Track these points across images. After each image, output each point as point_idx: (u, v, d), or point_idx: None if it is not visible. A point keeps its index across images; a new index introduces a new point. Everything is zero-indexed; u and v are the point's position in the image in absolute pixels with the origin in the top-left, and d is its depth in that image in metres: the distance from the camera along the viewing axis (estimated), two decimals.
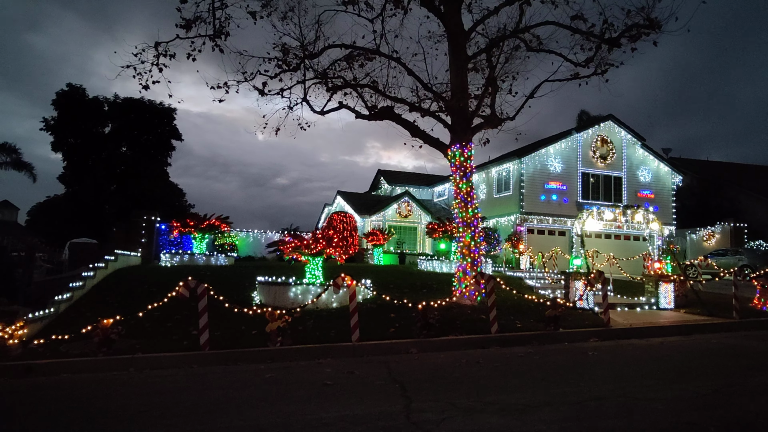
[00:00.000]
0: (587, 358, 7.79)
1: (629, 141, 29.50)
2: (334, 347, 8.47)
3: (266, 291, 11.64)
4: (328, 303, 11.31)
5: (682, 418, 4.62)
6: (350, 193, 34.84)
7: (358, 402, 5.36)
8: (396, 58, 12.42)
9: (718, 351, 8.35)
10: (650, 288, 13.44)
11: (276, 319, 8.39)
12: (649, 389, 5.66)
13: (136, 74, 11.19)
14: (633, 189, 29.19)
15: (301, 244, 11.71)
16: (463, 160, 11.75)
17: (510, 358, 7.80)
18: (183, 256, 18.85)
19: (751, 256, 26.28)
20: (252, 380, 6.59)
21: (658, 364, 7.26)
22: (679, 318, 11.81)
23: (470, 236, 11.70)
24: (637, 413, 4.78)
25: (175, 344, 8.38)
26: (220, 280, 14.32)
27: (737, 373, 6.57)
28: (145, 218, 21.13)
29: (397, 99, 12.57)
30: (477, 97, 12.48)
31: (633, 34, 11.05)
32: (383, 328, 9.54)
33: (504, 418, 4.67)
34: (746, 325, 11.12)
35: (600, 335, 9.81)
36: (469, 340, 9.08)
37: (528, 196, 26.99)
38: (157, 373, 7.17)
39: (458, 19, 11.90)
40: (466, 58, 12.06)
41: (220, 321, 9.44)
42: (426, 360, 7.83)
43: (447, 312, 10.60)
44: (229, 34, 11.75)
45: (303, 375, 6.85)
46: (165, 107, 31.75)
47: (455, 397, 5.46)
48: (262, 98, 12.89)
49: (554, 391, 5.63)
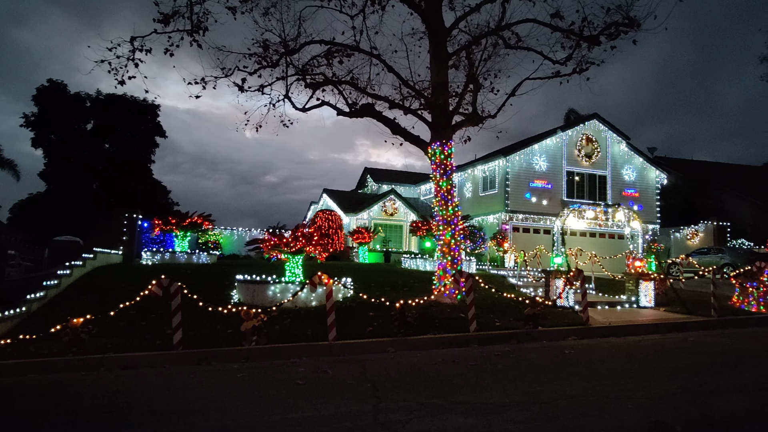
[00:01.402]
0: (563, 357, 7.76)
1: (614, 140, 29.66)
2: (311, 346, 8.38)
3: (245, 290, 11.52)
4: (307, 302, 11.22)
5: (650, 417, 4.59)
6: (336, 191, 34.71)
7: (327, 402, 5.28)
8: (376, 54, 12.35)
9: (694, 349, 8.37)
10: (631, 286, 13.49)
11: (251, 318, 8.29)
12: (622, 388, 5.64)
13: (112, 69, 11.01)
14: (618, 188, 29.35)
15: (280, 242, 11.60)
16: (444, 158, 11.69)
17: (486, 357, 7.76)
18: (164, 254, 18.65)
19: (733, 254, 26.53)
20: (223, 380, 6.48)
21: (632, 363, 7.26)
22: (658, 316, 11.85)
23: (450, 234, 11.65)
24: (606, 412, 4.74)
25: (148, 344, 8.25)
26: (200, 278, 14.20)
27: (710, 371, 6.57)
28: (126, 216, 20.86)
29: (377, 96, 12.49)
30: (458, 95, 12.43)
31: (612, 32, 11.07)
32: (361, 326, 9.47)
33: (472, 418, 4.61)
34: (724, 323, 11.18)
35: (579, 333, 9.81)
36: (448, 339, 9.03)
37: (513, 195, 27.03)
38: (128, 373, 7.03)
39: (439, 16, 11.84)
40: (446, 56, 12.00)
41: (196, 320, 9.33)
42: (402, 359, 7.76)
43: (426, 310, 10.56)
44: (207, 29, 11.60)
45: (275, 375, 6.76)
46: (149, 104, 31.37)
47: (426, 396, 5.40)
48: (243, 95, 12.77)
49: (527, 390, 5.59)
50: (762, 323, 11.46)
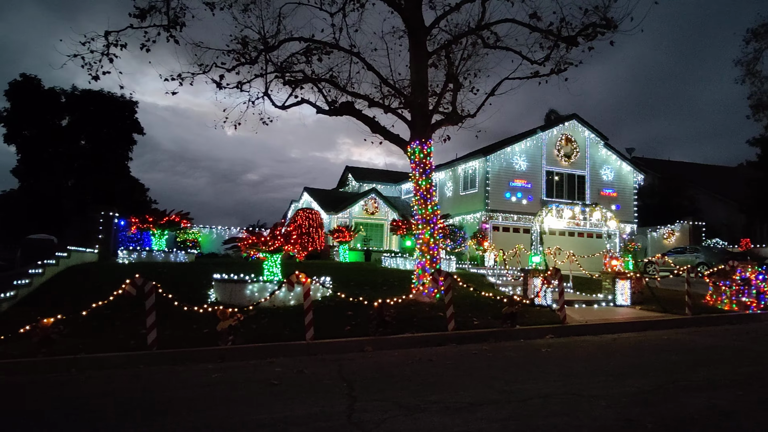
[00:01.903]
0: (540, 355, 7.81)
1: (593, 140, 29.99)
2: (288, 346, 8.32)
3: (222, 289, 11.40)
4: (285, 301, 11.13)
5: (622, 414, 4.63)
6: (317, 190, 34.56)
7: (301, 402, 5.23)
8: (356, 53, 12.29)
9: (668, 347, 8.48)
10: (607, 285, 13.65)
11: (227, 317, 8.19)
12: (596, 386, 5.69)
13: (85, 64, 10.79)
14: (596, 187, 29.69)
15: (258, 241, 11.49)
16: (423, 157, 11.69)
17: (464, 356, 7.78)
18: (141, 252, 18.38)
19: (707, 254, 27.03)
20: (197, 380, 6.39)
21: (608, 361, 7.33)
22: (634, 314, 12.01)
23: (429, 233, 11.66)
24: (579, 410, 4.77)
25: (122, 344, 8.10)
26: (177, 277, 14.01)
27: (682, 369, 6.66)
28: (102, 214, 20.53)
29: (356, 94, 12.44)
30: (437, 94, 12.44)
31: (589, 33, 11.17)
32: (340, 326, 9.43)
33: (446, 417, 4.60)
34: (698, 321, 11.37)
35: (556, 332, 9.88)
36: (426, 338, 9.04)
37: (493, 194, 27.18)
38: (100, 374, 6.89)
39: (419, 14, 11.83)
40: (426, 54, 12.00)
41: (172, 320, 9.20)
42: (379, 358, 7.74)
43: (405, 309, 10.55)
44: (185, 25, 11.43)
45: (251, 374, 6.68)
46: (126, 100, 30.82)
47: (402, 396, 5.38)
48: (222, 92, 12.63)
49: (502, 389, 5.60)
50: (734, 321, 11.68)
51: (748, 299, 12.51)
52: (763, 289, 12.68)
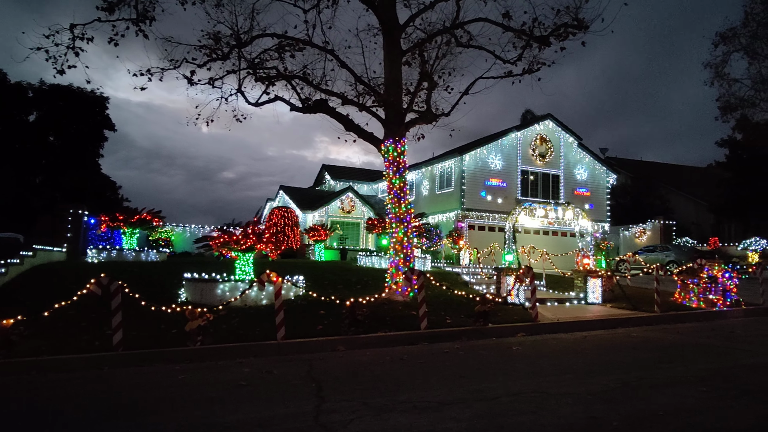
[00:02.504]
0: (511, 354, 7.85)
1: (567, 140, 30.32)
2: (258, 346, 8.22)
3: (193, 288, 11.21)
4: (257, 300, 11.00)
5: (588, 412, 4.65)
6: (293, 188, 34.30)
7: (268, 403, 5.16)
8: (330, 50, 12.20)
9: (636, 344, 8.60)
10: (579, 283, 13.80)
11: (196, 317, 8.05)
12: (564, 384, 5.72)
13: (50, 57, 10.49)
14: (570, 187, 30.03)
15: (229, 240, 11.33)
16: (397, 155, 11.66)
17: (435, 355, 7.77)
18: (111, 251, 17.99)
19: (677, 252, 27.60)
20: (163, 382, 6.26)
21: (577, 359, 7.39)
22: (604, 312, 12.16)
23: (403, 232, 11.63)
24: (546, 409, 4.78)
25: (86, 345, 7.90)
26: (147, 276, 13.75)
27: (649, 366, 6.74)
28: (71, 212, 20.04)
29: (329, 92, 12.35)
30: (412, 93, 12.42)
31: (561, 33, 11.27)
32: (312, 325, 9.35)
33: (414, 417, 4.57)
34: (666, 318, 11.56)
35: (528, 330, 9.95)
36: (398, 337, 9.01)
37: (469, 193, 27.30)
38: (63, 376, 6.71)
39: (393, 12, 11.78)
40: (400, 52, 11.97)
41: (140, 320, 8.99)
42: (351, 358, 7.69)
43: (378, 308, 10.52)
44: (154, 19, 11.19)
45: (218, 375, 6.57)
46: (96, 95, 30.10)
47: (370, 395, 5.34)
48: (194, 88, 12.42)
49: (471, 388, 5.59)
50: (701, 318, 11.90)
51: (715, 297, 12.77)
52: (729, 286, 12.95)
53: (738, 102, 26.76)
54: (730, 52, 26.24)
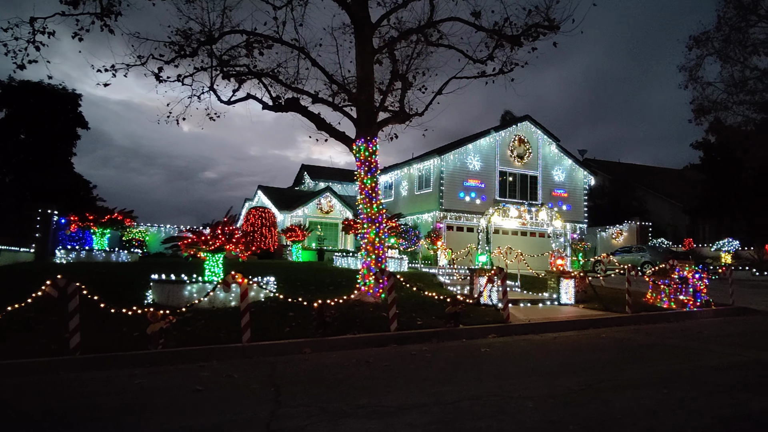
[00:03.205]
0: (478, 355, 7.77)
1: (545, 141, 30.50)
2: (223, 349, 8.02)
3: (160, 290, 10.95)
4: (226, 302, 10.79)
5: (547, 416, 4.58)
6: (271, 188, 34.02)
7: (222, 408, 5.00)
8: (300, 47, 12.03)
9: (605, 345, 8.59)
10: (552, 284, 13.81)
11: (158, 320, 7.83)
12: (527, 387, 5.65)
13: (9, 52, 10.16)
14: (548, 188, 30.20)
15: (198, 240, 11.10)
16: (368, 155, 11.54)
17: (402, 357, 7.66)
18: (80, 252, 17.60)
19: (652, 253, 27.91)
20: (116, 387, 6.05)
21: (544, 361, 7.35)
22: (576, 313, 12.17)
23: (375, 232, 11.51)
24: (506, 413, 4.70)
25: (42, 349, 7.62)
26: (115, 277, 13.46)
27: (614, 367, 6.72)
28: (40, 212, 19.57)
29: (300, 90, 12.19)
30: (383, 92, 12.32)
31: (532, 33, 11.25)
32: (280, 327, 9.18)
33: (370, 423, 4.46)
34: (637, 319, 11.61)
35: (499, 331, 9.89)
36: (367, 339, 8.88)
37: (447, 194, 27.30)
38: (12, 381, 6.46)
39: (365, 10, 11.65)
40: (372, 51, 11.85)
41: (101, 322, 8.72)
42: (316, 360, 7.55)
43: (348, 310, 10.38)
44: (120, 14, 10.92)
45: (176, 380, 6.38)
46: (69, 92, 29.42)
47: (329, 400, 5.21)
48: (167, 86, 12.19)
49: (433, 391, 5.49)
50: (671, 319, 11.99)
51: (686, 297, 12.88)
52: (700, 287, 13.08)
53: (711, 105, 27.16)
54: (704, 55, 26.64)
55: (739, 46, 25.69)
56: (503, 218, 20.60)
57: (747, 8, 25.05)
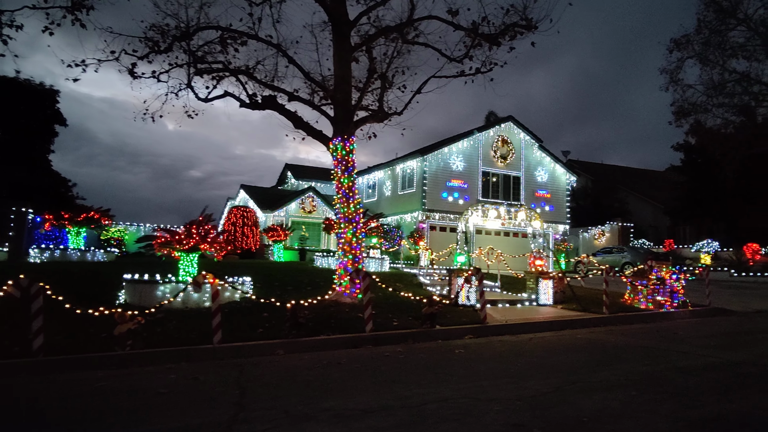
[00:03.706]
0: (452, 357, 7.70)
1: (528, 142, 30.60)
2: (193, 350, 7.85)
3: (133, 290, 10.74)
4: (200, 302, 10.61)
5: (512, 419, 4.51)
6: (254, 187, 33.75)
7: (182, 413, 4.86)
8: (276, 44, 11.88)
9: (578, 347, 8.57)
10: (531, 284, 13.81)
11: (126, 321, 7.65)
12: (497, 389, 5.58)
13: None
14: (531, 189, 30.32)
15: (172, 239, 10.91)
16: (345, 154, 11.42)
17: (374, 358, 7.56)
18: (55, 251, 17.26)
19: (633, 254, 28.13)
20: (77, 390, 5.88)
21: (516, 362, 7.29)
22: (554, 314, 12.17)
23: (351, 232, 11.40)
24: (472, 415, 4.63)
25: (4, 351, 7.40)
26: (89, 277, 13.21)
27: (586, 368, 6.68)
28: (14, 210, 19.17)
29: (275, 87, 12.04)
30: (361, 90, 12.21)
31: (510, 32, 11.22)
32: (254, 328, 9.03)
33: (331, 427, 4.35)
34: (614, 320, 11.64)
35: (475, 332, 9.83)
36: (341, 340, 8.77)
37: (430, 194, 27.28)
38: None
39: (343, 7, 11.53)
40: (350, 49, 11.73)
41: (67, 324, 8.52)
42: (287, 362, 7.42)
43: (324, 310, 10.27)
44: (92, 8, 10.68)
45: (140, 383, 6.21)
46: (46, 88, 28.90)
47: (294, 403, 5.10)
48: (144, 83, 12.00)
49: (401, 394, 5.41)
50: (648, 319, 12.03)
51: (663, 298, 12.94)
52: (677, 288, 13.15)
53: (691, 107, 27.45)
54: (684, 58, 26.91)
55: (718, 50, 26.00)
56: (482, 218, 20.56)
57: (726, 12, 25.34)
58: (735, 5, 25.04)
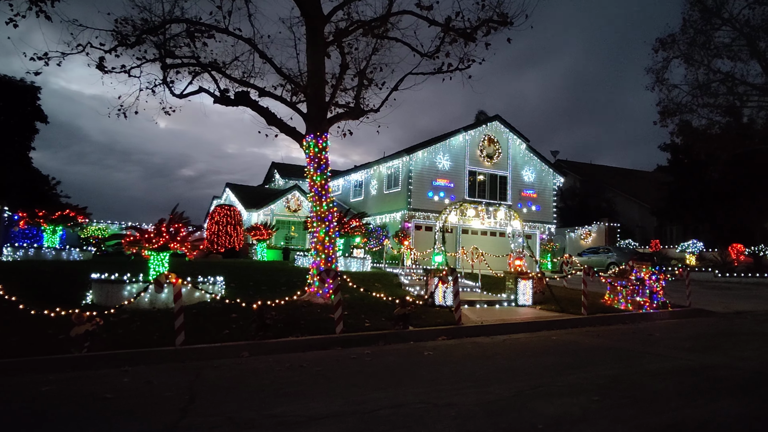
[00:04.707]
0: (420, 359, 7.50)
1: (515, 142, 30.48)
2: (153, 352, 7.60)
3: (100, 290, 10.47)
4: (168, 303, 10.33)
5: (465, 426, 4.32)
6: (240, 186, 33.43)
7: (124, 419, 4.63)
8: (247, 39, 11.63)
9: (551, 349, 8.39)
10: (510, 285, 13.65)
11: (84, 321, 7.38)
12: (457, 393, 5.39)
13: None
14: (517, 188, 30.19)
15: (141, 238, 10.64)
16: (318, 152, 11.18)
17: (339, 361, 7.35)
18: (29, 250, 16.90)
19: (619, 254, 28.09)
20: (19, 396, 5.61)
21: (484, 365, 7.10)
22: (532, 315, 12.01)
23: (324, 231, 11.16)
24: (423, 422, 4.43)
25: None
26: (59, 277, 12.92)
27: (553, 372, 6.50)
28: None
29: (247, 83, 11.79)
30: (335, 86, 11.99)
31: (485, 27, 11.04)
32: (221, 329, 8.79)
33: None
34: (592, 321, 11.49)
35: (449, 333, 9.63)
36: (310, 341, 8.54)
37: (416, 193, 27.08)
38: None
39: (316, 1, 11.28)
40: (323, 44, 11.50)
41: (26, 324, 8.24)
42: (249, 365, 7.18)
43: (296, 311, 10.05)
44: (59, 0, 10.38)
45: (89, 387, 5.96)
46: (26, 85, 28.35)
47: (242, 408, 4.88)
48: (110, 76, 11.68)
49: (355, 399, 5.20)
50: (627, 320, 11.90)
51: (642, 299, 12.82)
52: (656, 288, 13.02)
53: (676, 107, 27.42)
54: (670, 58, 26.87)
55: (703, 49, 25.98)
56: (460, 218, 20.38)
57: (711, 11, 25.33)
58: (720, 5, 25.04)
